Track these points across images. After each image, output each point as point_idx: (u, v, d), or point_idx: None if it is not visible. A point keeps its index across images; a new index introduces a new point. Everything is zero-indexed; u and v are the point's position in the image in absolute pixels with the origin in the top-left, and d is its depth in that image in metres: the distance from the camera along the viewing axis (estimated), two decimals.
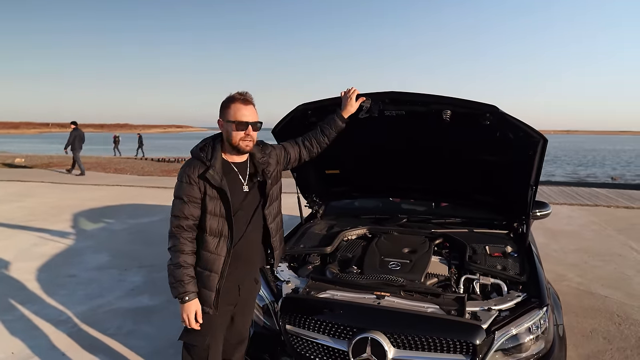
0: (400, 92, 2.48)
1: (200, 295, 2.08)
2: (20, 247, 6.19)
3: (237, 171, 2.14)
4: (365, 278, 2.53)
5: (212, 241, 2.07)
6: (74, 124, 14.61)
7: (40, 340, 3.52)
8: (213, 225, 2.06)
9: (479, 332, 2.10)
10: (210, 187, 2.04)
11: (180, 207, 2.04)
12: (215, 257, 2.07)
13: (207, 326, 2.13)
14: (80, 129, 14.70)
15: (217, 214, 2.06)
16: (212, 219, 2.06)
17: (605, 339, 3.65)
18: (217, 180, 2.02)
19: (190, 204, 2.03)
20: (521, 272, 2.61)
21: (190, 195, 2.03)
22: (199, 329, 2.11)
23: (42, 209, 8.92)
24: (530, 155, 2.57)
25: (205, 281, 2.08)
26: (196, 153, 2.10)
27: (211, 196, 2.04)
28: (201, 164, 2.04)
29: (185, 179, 2.03)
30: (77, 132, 14.48)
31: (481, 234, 3.15)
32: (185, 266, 2.03)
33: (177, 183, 2.07)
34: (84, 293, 4.51)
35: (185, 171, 2.05)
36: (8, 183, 12.78)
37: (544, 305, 2.30)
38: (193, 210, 2.04)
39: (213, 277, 2.07)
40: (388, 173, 3.31)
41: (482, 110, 2.38)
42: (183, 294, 2.02)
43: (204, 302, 2.09)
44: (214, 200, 2.05)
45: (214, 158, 2.05)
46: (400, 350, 2.16)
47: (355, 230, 3.25)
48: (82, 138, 14.76)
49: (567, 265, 5.59)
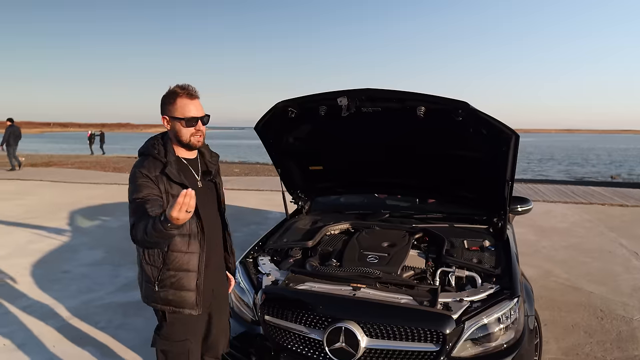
0: (375, 89, 2.54)
1: (180, 299, 2.00)
2: (17, 243, 6.27)
3: (189, 167, 2.09)
4: (343, 270, 2.59)
5: (181, 241, 1.97)
6: (10, 121, 15.05)
7: (31, 333, 3.60)
8: None
9: (449, 321, 2.17)
10: (170, 185, 1.94)
11: (139, 207, 1.84)
12: (189, 256, 2.00)
13: (186, 330, 2.08)
14: (17, 126, 15.20)
15: None
16: None
17: (586, 333, 3.71)
18: (177, 175, 1.95)
19: (152, 202, 1.86)
20: (496, 265, 2.68)
21: (152, 194, 1.89)
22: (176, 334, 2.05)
23: (39, 207, 9.00)
24: (503, 151, 2.63)
25: (182, 283, 1.99)
26: (149, 151, 2.00)
27: (174, 194, 1.92)
28: (157, 161, 1.95)
29: (143, 178, 1.90)
30: (12, 128, 14.91)
31: (461, 229, 3.22)
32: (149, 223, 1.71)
33: (132, 185, 1.91)
34: (76, 288, 4.59)
35: (140, 171, 1.92)
36: (7, 181, 12.88)
37: (514, 297, 2.37)
38: (157, 210, 1.82)
39: (191, 276, 2.00)
40: (369, 169, 3.38)
41: (453, 106, 2.45)
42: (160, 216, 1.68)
43: (185, 305, 2.01)
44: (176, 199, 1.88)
45: (169, 154, 1.98)
46: (373, 340, 2.23)
47: (338, 225, 3.32)
48: (18, 135, 15.17)
49: (556, 262, 5.65)
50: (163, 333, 2.10)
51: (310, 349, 2.33)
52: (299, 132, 3.15)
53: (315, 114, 2.76)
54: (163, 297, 2.01)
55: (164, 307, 2.03)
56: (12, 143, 14.95)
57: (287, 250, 3.03)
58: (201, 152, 2.18)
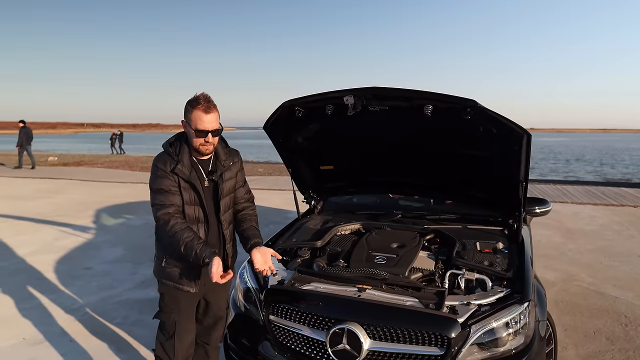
0: (381, 87, 2.51)
1: (184, 276, 2.32)
2: (44, 240, 6.48)
3: (200, 167, 2.33)
4: (350, 271, 2.57)
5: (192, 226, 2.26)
6: (22, 122, 15.93)
7: (51, 327, 3.71)
8: (190, 212, 2.27)
9: (454, 325, 2.12)
10: (182, 180, 2.23)
11: (162, 196, 2.20)
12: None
13: (173, 303, 2.39)
14: (29, 128, 16.09)
15: (192, 202, 2.27)
16: (189, 208, 2.26)
17: (608, 340, 3.58)
18: (186, 174, 2.23)
19: (170, 193, 2.21)
20: (508, 268, 2.60)
21: (169, 185, 2.21)
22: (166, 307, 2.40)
23: (68, 205, 9.29)
24: (515, 150, 2.55)
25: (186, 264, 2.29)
26: (166, 148, 2.28)
27: (184, 187, 2.24)
28: (170, 159, 2.23)
29: (160, 172, 2.22)
30: (25, 129, 15.82)
31: (475, 230, 3.14)
32: (191, 237, 2.15)
33: (152, 176, 2.25)
34: (97, 284, 4.71)
35: (158, 165, 2.24)
36: (40, 180, 13.33)
37: (525, 301, 2.29)
38: (174, 198, 2.22)
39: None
40: (379, 169, 3.34)
41: (462, 104, 2.38)
42: (205, 257, 2.13)
43: (187, 284, 2.34)
44: (187, 191, 2.25)
45: (182, 154, 2.24)
46: (376, 342, 2.19)
47: (349, 225, 3.29)
48: (30, 135, 16.10)
49: (581, 265, 5.47)
50: (160, 304, 2.46)
51: (314, 350, 2.32)
52: (307, 132, 3.13)
53: (322, 113, 2.74)
54: (168, 272, 2.34)
55: (167, 282, 2.36)
56: (25, 143, 15.90)
57: (296, 250, 3.02)
58: (216, 153, 2.39)
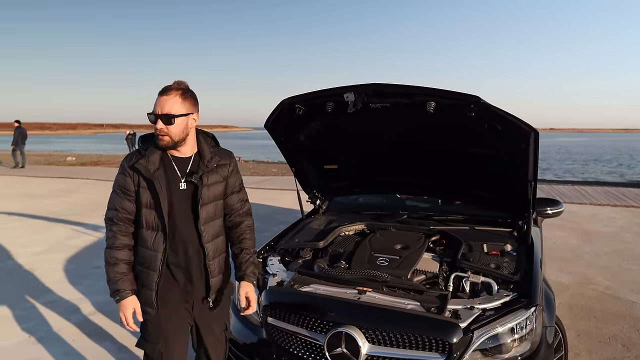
0: (382, 83, 2.43)
1: (141, 295, 1.97)
2: (56, 239, 6.55)
3: (175, 166, 1.98)
4: (350, 273, 2.50)
5: (149, 236, 1.95)
6: (17, 123, 16.35)
7: (56, 326, 3.72)
8: (149, 218, 1.95)
9: (455, 330, 2.03)
10: (142, 179, 1.92)
11: (112, 198, 1.97)
12: (152, 254, 1.95)
13: (156, 331, 2.01)
14: (24, 128, 16.45)
15: (151, 206, 1.94)
16: (148, 212, 1.94)
17: (624, 346, 3.43)
18: (148, 170, 1.90)
19: (122, 195, 1.95)
20: (515, 271, 2.50)
21: (123, 187, 1.95)
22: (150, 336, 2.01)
23: (82, 205, 9.39)
24: (523, 148, 2.45)
25: (144, 279, 1.97)
26: (139, 144, 2.03)
27: (144, 188, 1.93)
28: (137, 154, 1.96)
29: (121, 169, 1.97)
30: (20, 130, 16.18)
31: (482, 232, 3.04)
32: (115, 263, 1.91)
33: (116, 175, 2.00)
34: (104, 284, 4.64)
35: (122, 162, 1.99)
36: (57, 180, 13.54)
37: (531, 306, 2.19)
38: (125, 203, 1.94)
39: (152, 275, 1.95)
40: (383, 168, 3.26)
41: (465, 100, 2.30)
42: (115, 293, 1.91)
43: (145, 302, 1.97)
44: (147, 192, 1.93)
45: (151, 149, 1.94)
46: (375, 346, 2.12)
47: (353, 225, 3.22)
48: (25, 136, 16.46)
49: (598, 268, 5.30)
50: (142, 331, 2.08)
51: (312, 353, 2.26)
52: (309, 130, 3.07)
53: (323, 111, 2.67)
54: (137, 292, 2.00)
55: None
56: (20, 143, 16.36)
57: (298, 251, 2.96)
58: (201, 152, 2.04)
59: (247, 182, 13.66)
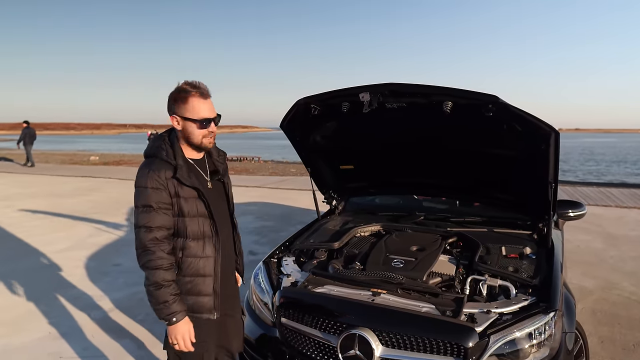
0: (399, 83, 2.40)
1: (197, 305, 1.95)
2: (79, 237, 6.69)
3: (198, 168, 2.01)
4: (365, 274, 2.48)
5: (195, 245, 1.93)
6: (25, 123, 16.81)
7: (76, 322, 3.80)
8: (193, 228, 1.91)
9: (471, 334, 1.99)
10: (182, 188, 1.87)
11: (150, 216, 1.81)
12: (205, 260, 1.95)
13: (201, 333, 1.99)
14: (32, 128, 16.93)
15: (196, 214, 1.92)
16: (191, 222, 1.91)
17: None
18: (188, 178, 1.88)
19: (160, 211, 1.83)
20: (534, 274, 2.44)
21: (160, 202, 1.82)
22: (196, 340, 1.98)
23: (105, 203, 9.57)
24: (543, 149, 2.39)
25: (199, 289, 1.95)
26: (157, 153, 1.90)
27: (185, 197, 1.88)
28: (166, 164, 1.86)
29: (152, 183, 1.81)
30: (28, 130, 16.65)
31: (501, 234, 2.98)
32: (166, 284, 1.83)
33: (140, 189, 1.83)
34: (123, 281, 4.79)
35: (149, 175, 1.82)
36: (81, 179, 13.84)
37: (550, 311, 2.13)
38: (165, 219, 1.84)
39: (208, 281, 1.96)
40: (399, 169, 3.22)
41: (482, 100, 2.25)
42: (170, 315, 1.84)
43: (203, 310, 1.96)
44: (190, 201, 1.90)
45: (178, 156, 1.89)
46: (389, 349, 2.09)
47: (368, 227, 3.19)
48: (33, 135, 16.92)
49: (623, 273, 5.14)
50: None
51: (325, 354, 2.24)
52: (325, 130, 3.05)
53: (338, 111, 2.66)
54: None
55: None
56: (28, 142, 16.80)
57: (313, 251, 2.95)
58: (209, 151, 2.08)
59: (266, 182, 13.68)
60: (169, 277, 1.85)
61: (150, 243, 1.82)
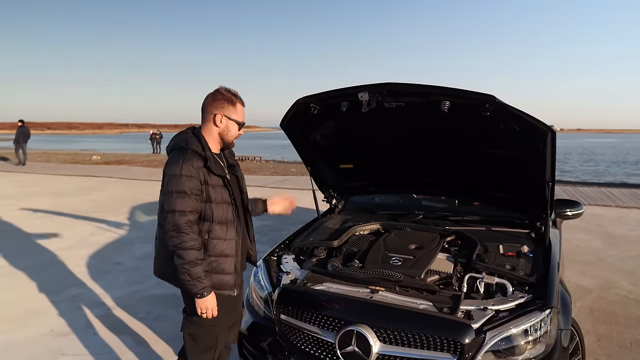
0: (397, 83, 2.43)
1: (221, 282, 2.20)
2: (80, 236, 6.72)
3: (219, 161, 2.25)
4: (364, 272, 2.50)
5: (220, 229, 2.17)
6: (20, 122, 17.01)
7: (77, 320, 3.83)
8: (219, 213, 2.16)
9: (467, 331, 2.02)
10: (211, 177, 2.13)
11: (185, 201, 2.04)
12: (228, 242, 2.20)
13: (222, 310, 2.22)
14: (27, 127, 17.11)
15: (221, 201, 2.17)
16: (217, 207, 2.16)
17: None
18: (218, 168, 2.16)
19: (193, 197, 2.06)
20: (531, 272, 2.46)
21: (193, 188, 2.06)
22: (208, 319, 2.19)
23: (106, 202, 9.62)
24: (540, 149, 2.42)
25: (223, 267, 2.19)
26: (188, 145, 2.12)
27: (213, 185, 2.14)
28: (197, 155, 2.10)
29: (187, 171, 2.05)
30: (22, 129, 16.84)
31: (499, 233, 3.01)
32: (200, 263, 2.07)
33: (175, 177, 2.05)
34: (125, 279, 4.83)
35: (183, 164, 2.05)
36: (82, 178, 13.89)
37: (546, 308, 2.16)
38: (196, 204, 2.08)
39: (230, 261, 2.22)
40: (398, 168, 3.25)
41: (480, 100, 2.27)
42: (202, 290, 2.09)
43: (225, 287, 2.22)
44: (217, 189, 2.16)
45: (206, 149, 2.14)
46: (386, 345, 2.12)
47: (368, 225, 3.22)
48: (27, 134, 17.13)
49: (622, 272, 5.17)
50: (194, 318, 2.24)
51: (323, 351, 2.27)
52: (324, 129, 3.08)
53: (337, 110, 2.69)
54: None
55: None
56: (22, 141, 16.99)
57: (312, 250, 2.98)
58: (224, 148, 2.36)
59: (268, 182, 13.71)
60: (201, 256, 2.09)
61: (185, 225, 2.04)
